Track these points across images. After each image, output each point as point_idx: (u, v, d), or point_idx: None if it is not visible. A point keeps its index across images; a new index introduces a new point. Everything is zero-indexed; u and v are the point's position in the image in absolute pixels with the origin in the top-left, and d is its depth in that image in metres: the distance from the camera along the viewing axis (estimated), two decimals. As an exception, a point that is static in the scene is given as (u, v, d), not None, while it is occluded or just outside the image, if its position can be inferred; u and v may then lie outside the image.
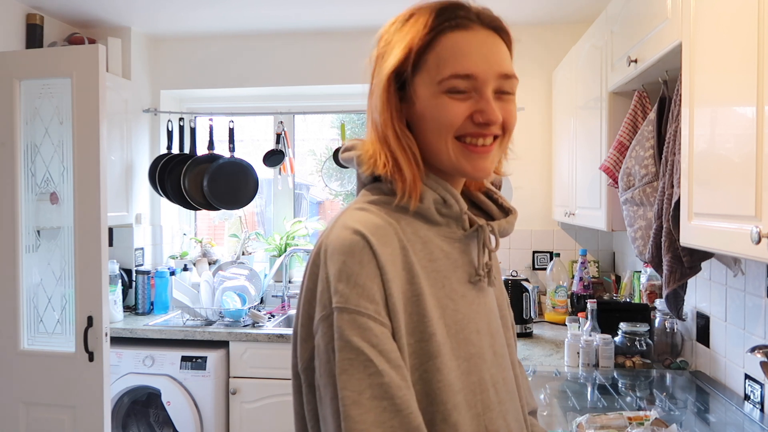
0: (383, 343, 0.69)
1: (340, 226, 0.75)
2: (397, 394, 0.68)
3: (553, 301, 2.83)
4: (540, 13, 2.87)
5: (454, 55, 0.76)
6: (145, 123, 3.28)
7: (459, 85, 0.76)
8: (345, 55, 3.17)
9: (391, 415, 0.67)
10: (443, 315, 0.76)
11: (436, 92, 0.76)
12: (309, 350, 0.74)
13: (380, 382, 0.68)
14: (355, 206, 0.79)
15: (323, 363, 0.70)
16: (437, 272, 0.78)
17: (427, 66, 0.77)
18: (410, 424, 0.68)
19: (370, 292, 0.70)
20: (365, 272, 0.71)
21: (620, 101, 2.06)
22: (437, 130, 0.77)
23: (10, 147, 2.35)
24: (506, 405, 0.82)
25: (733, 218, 1.12)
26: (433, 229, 0.80)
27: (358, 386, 0.67)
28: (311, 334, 0.73)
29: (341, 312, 0.69)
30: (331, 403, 0.69)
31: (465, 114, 0.76)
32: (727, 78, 1.17)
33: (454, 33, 0.76)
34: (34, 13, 2.74)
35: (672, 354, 2.10)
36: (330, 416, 0.69)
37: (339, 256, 0.71)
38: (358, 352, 0.68)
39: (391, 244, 0.74)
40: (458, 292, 0.79)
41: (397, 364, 0.70)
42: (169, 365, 2.63)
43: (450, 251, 0.81)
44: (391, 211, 0.78)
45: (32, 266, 2.41)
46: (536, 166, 3.10)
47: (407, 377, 0.71)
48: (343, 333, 0.69)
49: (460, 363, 0.76)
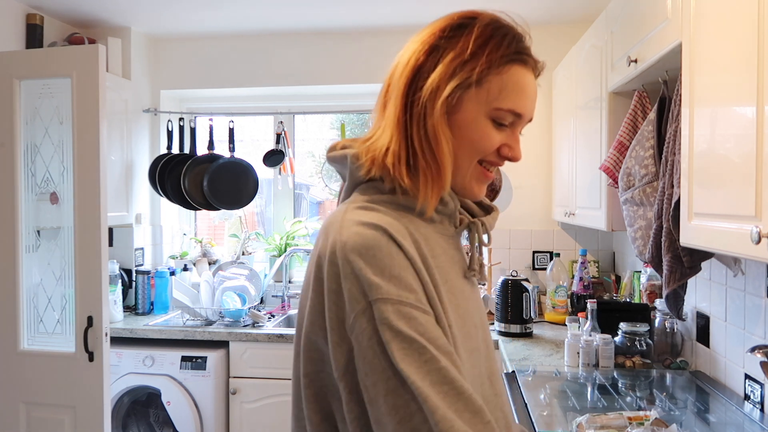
0: (430, 330, 0.69)
1: (352, 223, 0.73)
2: (456, 377, 0.67)
3: (553, 301, 2.83)
4: (540, 13, 2.87)
5: (516, 90, 0.79)
6: (145, 123, 3.28)
7: (507, 119, 0.79)
8: (345, 55, 3.17)
9: (455, 399, 0.66)
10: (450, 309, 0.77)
11: (484, 113, 0.78)
12: (345, 353, 0.70)
13: (438, 368, 0.67)
14: (357, 205, 0.78)
15: (368, 360, 0.68)
16: (440, 268, 0.78)
17: (487, 86, 0.77)
18: (473, 405, 0.67)
19: (407, 282, 0.70)
20: (396, 264, 0.70)
21: (620, 101, 2.06)
22: (470, 149, 0.79)
23: (10, 147, 2.35)
24: (501, 397, 0.83)
25: (733, 218, 1.12)
26: (430, 226, 0.81)
27: (419, 373, 0.66)
28: (344, 337, 0.70)
29: (383, 303, 0.68)
30: (385, 401, 0.66)
31: (498, 144, 0.80)
32: (727, 78, 1.17)
33: (521, 67, 0.79)
34: (34, 13, 2.74)
35: (672, 354, 2.10)
36: (386, 415, 0.66)
37: (366, 251, 0.70)
38: (411, 340, 0.67)
39: (407, 239, 0.74)
40: (458, 287, 0.80)
41: (446, 350, 0.69)
42: (169, 365, 2.63)
43: (447, 248, 0.82)
44: (391, 209, 0.78)
45: (32, 266, 2.41)
46: (536, 166, 3.10)
47: (458, 362, 0.70)
48: (391, 323, 0.67)
49: (467, 356, 0.77)
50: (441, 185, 0.77)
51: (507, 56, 0.77)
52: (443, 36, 0.78)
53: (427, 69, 0.77)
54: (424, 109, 0.76)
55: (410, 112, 0.77)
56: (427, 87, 0.76)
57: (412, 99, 0.78)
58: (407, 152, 0.77)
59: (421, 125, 0.76)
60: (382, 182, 0.80)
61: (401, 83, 0.79)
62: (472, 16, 0.80)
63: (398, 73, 0.80)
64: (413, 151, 0.77)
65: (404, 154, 0.77)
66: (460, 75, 0.76)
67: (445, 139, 0.76)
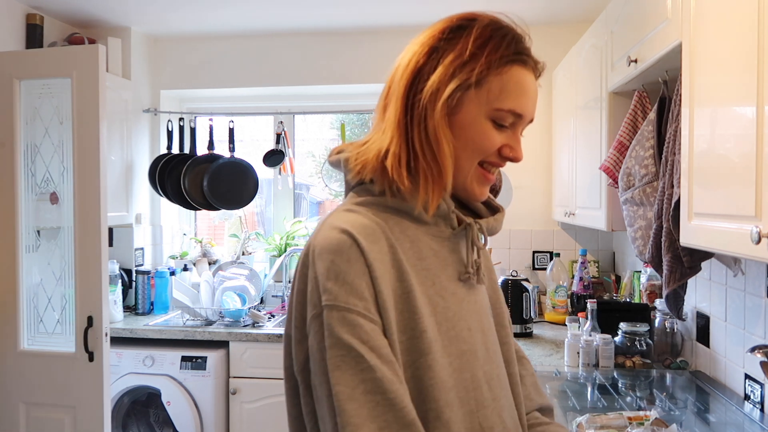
0: (373, 339, 0.70)
1: (328, 226, 0.75)
2: (390, 389, 0.68)
3: (553, 301, 2.83)
4: (540, 13, 2.87)
5: (516, 91, 0.78)
6: (145, 123, 3.28)
7: (508, 120, 0.79)
8: (345, 55, 3.17)
9: (384, 410, 0.68)
10: (434, 312, 0.77)
11: (484, 114, 0.78)
12: (304, 351, 0.74)
13: (372, 377, 0.68)
14: (343, 208, 0.80)
15: (317, 362, 0.71)
16: (427, 270, 0.78)
17: (487, 87, 0.77)
18: (404, 418, 0.68)
19: (359, 290, 0.71)
20: (353, 270, 0.71)
21: (620, 101, 2.06)
22: (470, 150, 0.79)
23: (10, 147, 2.35)
24: (501, 402, 0.82)
25: (733, 218, 1.12)
26: (421, 228, 0.81)
27: (351, 382, 0.68)
28: (305, 335, 0.73)
29: (330, 309, 0.70)
30: (327, 401, 0.69)
31: (499, 144, 0.80)
32: (727, 78, 1.17)
33: (520, 68, 0.79)
34: (34, 13, 2.74)
35: (672, 354, 2.10)
36: (327, 414, 0.70)
37: (327, 255, 0.72)
38: (349, 348, 0.69)
39: (378, 243, 0.74)
40: (448, 290, 0.80)
41: (388, 359, 0.70)
42: (169, 365, 2.63)
43: (439, 250, 0.81)
44: (378, 211, 0.79)
45: (32, 266, 2.41)
46: (536, 166, 3.10)
47: (399, 373, 0.71)
48: (333, 330, 0.69)
49: (452, 360, 0.76)
50: (442, 186, 0.77)
51: (506, 57, 0.77)
52: (443, 38, 0.79)
53: (427, 71, 0.78)
54: (424, 110, 0.77)
55: (411, 113, 0.78)
56: (427, 89, 0.77)
57: (412, 101, 0.78)
58: (408, 154, 0.77)
59: (422, 127, 0.77)
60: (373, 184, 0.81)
61: (401, 85, 0.79)
62: (471, 18, 0.80)
63: (398, 75, 0.80)
64: (414, 153, 0.77)
65: (405, 155, 0.77)
66: (460, 76, 0.76)
67: (446, 140, 0.77)
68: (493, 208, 0.91)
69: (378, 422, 0.67)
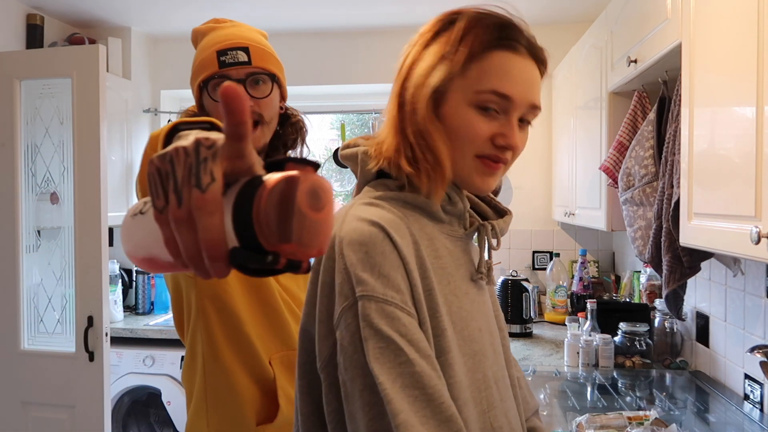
0: (412, 332, 0.68)
1: (354, 218, 0.74)
2: (429, 384, 0.67)
3: (552, 301, 2.83)
4: (540, 13, 2.88)
5: (498, 72, 0.76)
6: (146, 123, 3.28)
7: (492, 103, 0.76)
8: (345, 55, 3.17)
9: (423, 405, 0.66)
10: (449, 311, 0.76)
11: (468, 102, 0.76)
12: (329, 347, 0.71)
13: (412, 371, 0.67)
14: (363, 201, 0.78)
15: (349, 355, 0.68)
16: (443, 269, 0.78)
17: (469, 74, 0.76)
18: (443, 413, 0.67)
19: (395, 282, 0.69)
20: (388, 262, 0.70)
21: (620, 101, 2.06)
22: (458, 141, 0.77)
23: (11, 147, 2.35)
24: (507, 403, 0.82)
25: (733, 218, 1.12)
26: (437, 226, 0.81)
27: (390, 375, 0.66)
28: (332, 330, 0.71)
29: (368, 300, 0.68)
30: (361, 397, 0.67)
31: (488, 133, 0.77)
32: (727, 78, 1.18)
33: (505, 52, 0.77)
34: (35, 13, 2.74)
35: (672, 354, 2.10)
36: (360, 410, 0.67)
37: (360, 247, 0.70)
38: (389, 340, 0.67)
39: (405, 238, 0.73)
40: (462, 290, 0.80)
41: (426, 353, 0.69)
42: (170, 365, 2.63)
43: (453, 249, 0.81)
44: (397, 206, 0.78)
45: (32, 266, 2.41)
46: (536, 166, 3.10)
47: (437, 367, 0.70)
48: (371, 321, 0.67)
49: (465, 360, 0.76)
50: (441, 174, 0.77)
51: (488, 42, 0.77)
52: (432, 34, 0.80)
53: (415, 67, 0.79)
54: (412, 106, 0.78)
55: (403, 110, 0.79)
56: (413, 84, 0.78)
57: (404, 97, 0.79)
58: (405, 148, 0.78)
59: (413, 122, 0.78)
60: (392, 179, 0.80)
61: (395, 84, 0.81)
62: (459, 12, 0.81)
63: (396, 73, 0.82)
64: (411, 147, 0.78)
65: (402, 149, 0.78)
66: (442, 68, 0.77)
67: (436, 132, 0.77)
68: (500, 211, 0.90)
69: (418, 417, 0.65)
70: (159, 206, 0.41)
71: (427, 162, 0.77)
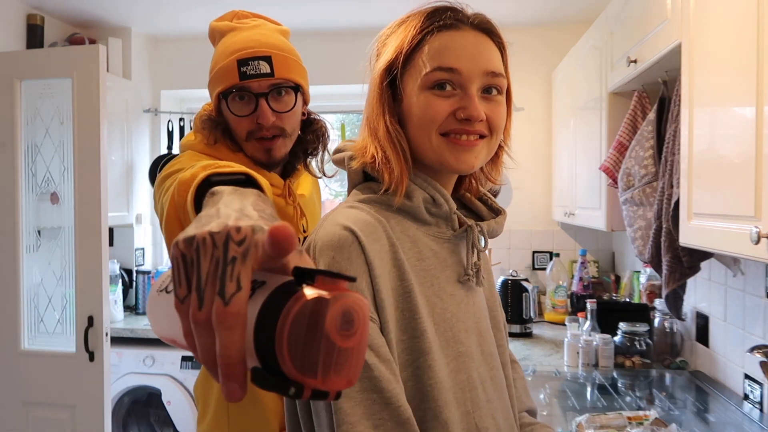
0: (372, 337, 0.70)
1: (330, 223, 0.75)
2: (387, 388, 0.69)
3: (552, 301, 2.83)
4: (540, 14, 2.87)
5: (440, 51, 0.77)
6: (146, 123, 3.28)
7: (442, 79, 0.76)
8: (345, 55, 3.16)
9: (380, 408, 0.68)
10: (432, 313, 0.77)
11: (422, 87, 0.77)
12: None
13: (369, 376, 0.68)
14: (345, 205, 0.80)
15: None
16: (426, 271, 0.79)
17: (415, 63, 0.79)
18: (400, 417, 0.68)
19: (359, 287, 0.71)
20: (353, 267, 0.71)
21: (620, 101, 2.06)
22: (421, 126, 0.78)
23: (11, 147, 2.36)
24: (495, 403, 0.83)
25: (733, 218, 1.13)
26: (422, 228, 0.81)
27: None
28: None
29: None
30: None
31: (447, 110, 0.77)
32: (726, 78, 1.18)
33: (443, 33, 0.78)
34: (35, 14, 2.74)
35: (671, 354, 2.11)
36: (323, 410, 0.70)
37: (328, 252, 0.72)
38: None
39: (379, 241, 0.75)
40: (447, 291, 0.80)
41: (386, 358, 0.70)
42: (170, 365, 2.63)
43: (439, 251, 0.82)
44: (380, 209, 0.79)
45: (33, 266, 2.41)
46: (536, 166, 3.10)
47: (396, 372, 0.71)
48: None
49: (449, 361, 0.77)
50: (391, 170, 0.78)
51: (425, 29, 0.78)
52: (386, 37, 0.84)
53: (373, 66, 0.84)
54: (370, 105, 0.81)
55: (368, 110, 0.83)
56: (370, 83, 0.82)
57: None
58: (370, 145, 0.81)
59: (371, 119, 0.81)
60: (377, 183, 0.82)
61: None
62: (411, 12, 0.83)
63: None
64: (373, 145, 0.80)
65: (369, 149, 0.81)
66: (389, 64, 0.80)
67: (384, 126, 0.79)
68: (495, 210, 0.91)
69: (373, 420, 0.67)
70: (180, 296, 0.39)
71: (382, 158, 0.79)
